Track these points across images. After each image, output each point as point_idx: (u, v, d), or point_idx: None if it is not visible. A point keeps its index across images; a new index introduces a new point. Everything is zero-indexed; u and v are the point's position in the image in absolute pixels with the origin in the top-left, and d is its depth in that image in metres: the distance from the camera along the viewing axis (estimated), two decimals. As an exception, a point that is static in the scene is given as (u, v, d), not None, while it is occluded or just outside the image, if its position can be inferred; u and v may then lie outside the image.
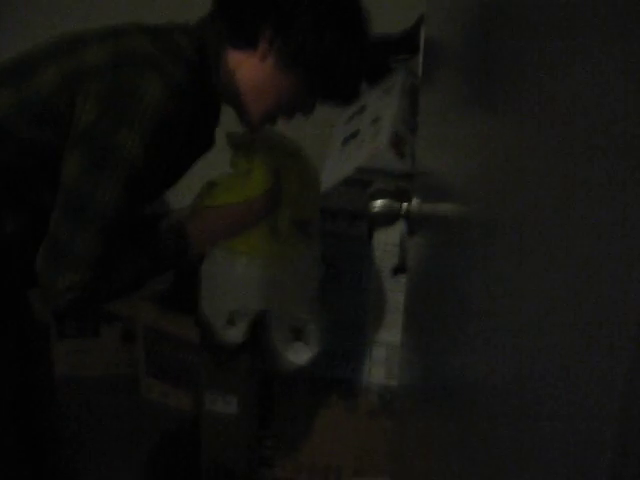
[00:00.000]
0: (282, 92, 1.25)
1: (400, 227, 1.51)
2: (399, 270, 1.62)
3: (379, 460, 1.84)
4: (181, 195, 1.52)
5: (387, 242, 1.66)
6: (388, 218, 0.98)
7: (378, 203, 0.97)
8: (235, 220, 1.31)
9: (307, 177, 1.45)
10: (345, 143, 1.99)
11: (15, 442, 1.32)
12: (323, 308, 1.56)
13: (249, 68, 1.24)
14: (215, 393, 2.06)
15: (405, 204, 0.97)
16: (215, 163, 1.46)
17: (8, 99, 1.15)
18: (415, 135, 1.67)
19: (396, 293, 1.66)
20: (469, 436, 0.58)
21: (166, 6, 2.12)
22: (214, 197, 1.34)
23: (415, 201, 0.98)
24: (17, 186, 1.17)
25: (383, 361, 1.78)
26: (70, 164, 1.11)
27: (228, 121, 1.35)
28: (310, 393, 1.88)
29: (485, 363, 0.53)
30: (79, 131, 1.11)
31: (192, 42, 1.21)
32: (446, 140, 0.88)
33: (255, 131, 1.33)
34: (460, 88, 0.76)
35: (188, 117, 1.17)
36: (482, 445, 0.53)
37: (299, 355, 1.54)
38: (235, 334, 1.52)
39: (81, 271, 1.11)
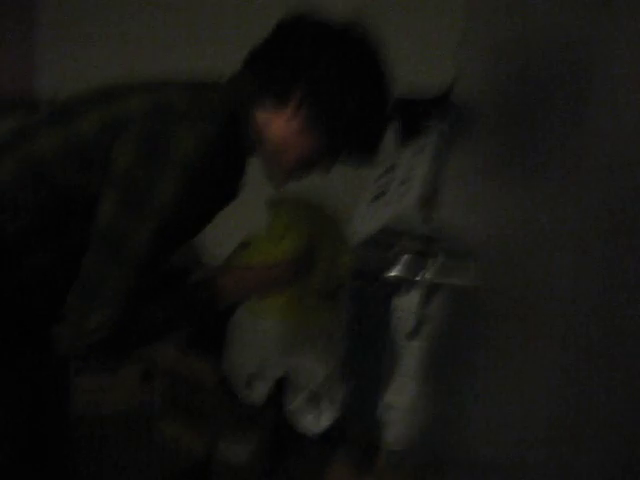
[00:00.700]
0: (306, 150, 1.31)
1: (418, 292, 1.51)
2: (414, 334, 1.62)
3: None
4: (214, 251, 1.56)
5: (404, 307, 1.65)
6: (405, 287, 0.98)
7: (396, 271, 0.98)
8: (263, 281, 1.35)
9: (340, 246, 1.48)
10: (373, 201, 2.00)
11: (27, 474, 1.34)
12: (344, 376, 1.56)
13: (277, 126, 1.29)
14: (229, 441, 2.06)
15: (423, 273, 0.98)
16: (250, 223, 1.50)
17: (49, 142, 1.21)
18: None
19: (411, 357, 1.65)
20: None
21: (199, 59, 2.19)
22: (245, 256, 1.38)
23: (432, 271, 0.99)
24: (48, 225, 1.21)
25: (395, 423, 1.76)
26: (106, 205, 1.16)
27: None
28: (322, 450, 1.87)
29: (496, 430, 0.53)
30: (116, 174, 1.16)
31: (224, 99, 1.26)
32: (472, 202, 0.89)
33: (280, 186, 1.36)
34: (490, 152, 0.77)
35: (217, 169, 1.21)
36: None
37: (315, 423, 1.54)
38: (255, 397, 1.53)
39: (110, 310, 1.15)
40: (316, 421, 1.56)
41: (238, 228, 1.75)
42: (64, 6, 3.14)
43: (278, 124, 1.29)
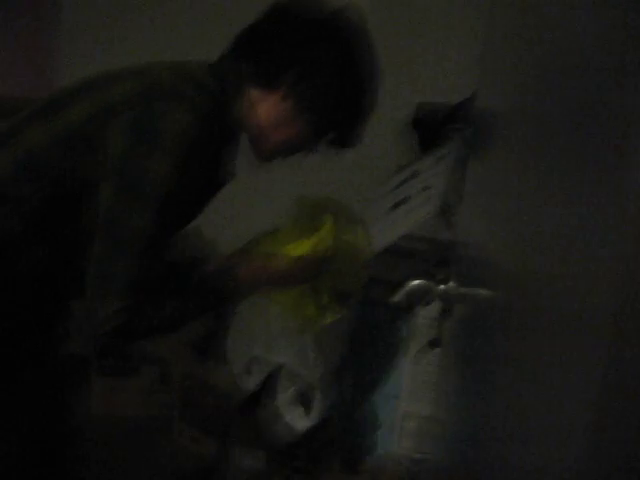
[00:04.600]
0: (293, 130, 1.33)
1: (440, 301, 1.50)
2: (435, 344, 1.61)
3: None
4: (227, 242, 1.55)
5: (426, 315, 1.65)
6: (424, 299, 0.98)
7: (415, 284, 0.97)
8: (285, 272, 1.35)
9: (360, 254, 1.47)
10: (394, 208, 1.99)
11: None
12: (335, 381, 1.57)
13: (269, 105, 1.31)
14: (244, 447, 2.06)
15: (442, 286, 0.97)
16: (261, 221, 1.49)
17: (41, 134, 1.21)
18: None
19: (431, 366, 1.64)
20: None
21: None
22: (271, 245, 1.37)
23: (451, 284, 0.98)
24: (48, 217, 1.21)
25: (414, 433, 1.75)
26: (105, 193, 1.17)
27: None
28: (339, 459, 1.86)
29: (512, 437, 0.53)
30: (113, 160, 1.16)
31: (212, 76, 1.28)
32: (490, 212, 0.88)
33: (264, 162, 1.39)
34: (511, 162, 0.76)
35: (211, 143, 1.24)
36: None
37: (298, 421, 1.54)
38: (251, 382, 1.54)
39: (123, 297, 1.14)
40: (304, 416, 1.55)
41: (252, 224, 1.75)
42: (84, 9, 3.15)
43: (270, 103, 1.30)
